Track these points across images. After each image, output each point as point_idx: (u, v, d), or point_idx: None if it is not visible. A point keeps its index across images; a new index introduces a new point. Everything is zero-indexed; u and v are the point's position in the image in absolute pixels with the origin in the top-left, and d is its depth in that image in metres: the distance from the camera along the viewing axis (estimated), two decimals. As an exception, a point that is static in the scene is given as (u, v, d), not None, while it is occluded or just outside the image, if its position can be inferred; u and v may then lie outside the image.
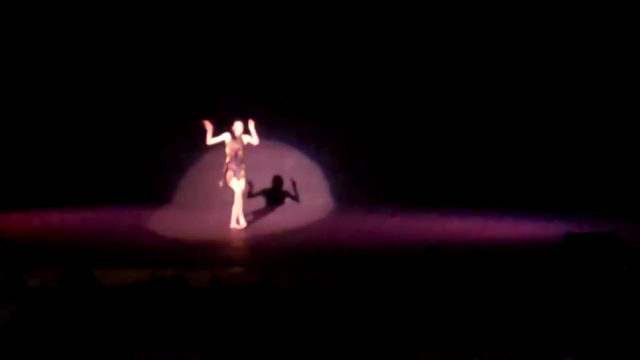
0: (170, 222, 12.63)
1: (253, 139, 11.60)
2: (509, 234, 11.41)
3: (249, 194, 13.17)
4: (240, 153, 11.51)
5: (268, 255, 10.09)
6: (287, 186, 14.47)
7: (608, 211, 12.86)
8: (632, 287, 6.92)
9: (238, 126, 11.51)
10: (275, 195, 14.42)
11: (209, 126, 11.48)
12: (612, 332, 6.10)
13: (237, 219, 11.71)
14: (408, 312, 5.68)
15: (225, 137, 11.52)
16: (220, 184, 11.54)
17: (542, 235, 11.07)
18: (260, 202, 14.19)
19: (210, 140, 11.54)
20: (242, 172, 11.60)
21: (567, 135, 14.41)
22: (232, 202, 11.67)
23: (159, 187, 14.56)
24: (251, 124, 11.55)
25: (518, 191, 14.22)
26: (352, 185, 14.72)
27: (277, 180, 14.52)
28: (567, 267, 7.71)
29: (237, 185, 11.56)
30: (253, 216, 12.73)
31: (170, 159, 14.60)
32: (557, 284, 7.35)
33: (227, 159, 11.51)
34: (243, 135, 11.55)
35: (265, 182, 14.45)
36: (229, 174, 11.49)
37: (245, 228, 11.71)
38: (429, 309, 5.87)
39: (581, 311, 6.49)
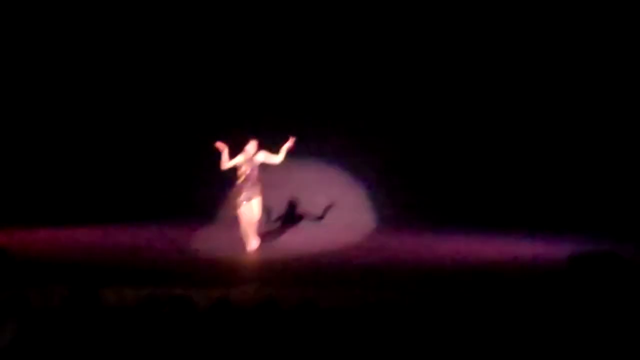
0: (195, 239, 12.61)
1: (276, 157, 11.25)
2: (511, 255, 11.37)
3: (267, 218, 12.96)
4: (255, 173, 11.19)
5: (273, 274, 10.09)
6: (308, 204, 14.31)
7: (609, 229, 12.83)
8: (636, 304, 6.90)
9: (252, 145, 11.19)
10: (293, 214, 14.27)
11: (223, 148, 11.12)
12: (621, 352, 6.08)
13: (250, 241, 11.36)
14: (411, 334, 5.67)
15: (239, 158, 11.18)
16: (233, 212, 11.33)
17: (545, 255, 11.05)
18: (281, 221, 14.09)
19: (226, 163, 11.13)
20: (257, 193, 11.23)
21: (566, 154, 14.40)
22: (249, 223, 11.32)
23: (183, 203, 14.50)
24: (288, 144, 11.23)
25: (518, 211, 14.19)
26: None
27: (294, 199, 14.45)
28: (573, 288, 7.70)
29: (248, 209, 11.20)
30: (275, 234, 12.67)
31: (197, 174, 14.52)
32: (564, 305, 7.34)
33: (240, 180, 11.23)
34: (258, 154, 11.21)
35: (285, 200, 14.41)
36: (240, 198, 11.21)
37: (259, 248, 11.40)
38: (432, 330, 5.86)
39: (590, 331, 6.46)
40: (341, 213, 14.34)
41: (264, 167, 11.48)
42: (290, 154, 11.46)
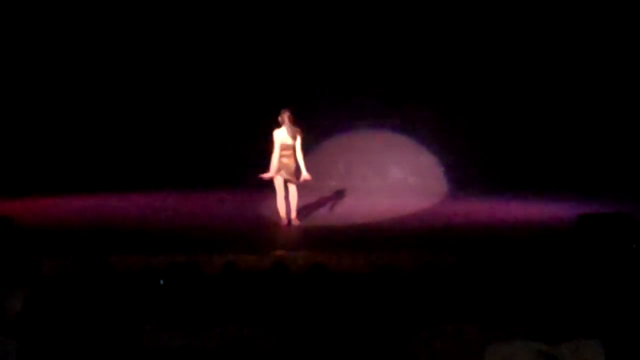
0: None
1: (300, 154, 10.49)
2: (520, 216, 11.38)
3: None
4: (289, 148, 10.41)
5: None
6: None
7: (622, 191, 12.81)
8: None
9: (284, 117, 10.40)
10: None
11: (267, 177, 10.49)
12: (634, 311, 6.06)
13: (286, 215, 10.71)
14: (422, 293, 5.67)
15: (277, 136, 10.40)
16: (265, 175, 10.47)
17: (555, 216, 11.06)
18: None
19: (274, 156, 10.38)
20: (292, 176, 10.50)
21: (578, 117, 14.36)
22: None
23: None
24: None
25: (528, 173, 14.19)
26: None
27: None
28: (582, 248, 7.69)
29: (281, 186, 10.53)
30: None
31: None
32: (573, 265, 7.33)
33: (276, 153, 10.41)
34: (294, 129, 10.41)
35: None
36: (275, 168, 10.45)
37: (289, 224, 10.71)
38: (445, 288, 5.86)
39: (600, 291, 6.45)
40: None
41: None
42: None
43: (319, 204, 12.52)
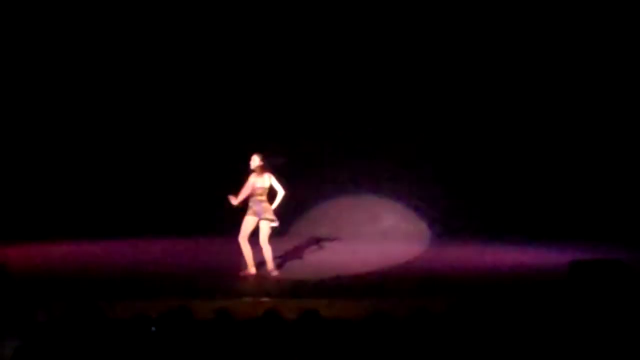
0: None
1: (281, 189, 10.55)
2: (511, 262, 11.38)
3: None
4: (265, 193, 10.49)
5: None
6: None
7: (611, 238, 12.86)
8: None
9: (255, 160, 10.49)
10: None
11: (233, 201, 10.51)
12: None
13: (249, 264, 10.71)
14: (414, 339, 5.66)
15: (252, 180, 10.47)
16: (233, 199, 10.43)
17: (546, 263, 11.06)
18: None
19: (242, 195, 10.43)
20: (266, 215, 10.45)
21: (569, 162, 14.45)
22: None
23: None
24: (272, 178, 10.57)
25: (520, 219, 14.23)
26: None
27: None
28: (574, 296, 7.67)
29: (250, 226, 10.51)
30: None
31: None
32: (566, 312, 7.31)
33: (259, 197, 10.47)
34: (270, 178, 10.52)
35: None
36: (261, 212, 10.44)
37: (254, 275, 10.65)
38: (437, 334, 5.85)
39: (594, 339, 6.45)
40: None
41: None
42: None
43: (307, 251, 12.48)
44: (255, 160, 10.50)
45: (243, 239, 10.54)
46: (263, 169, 10.49)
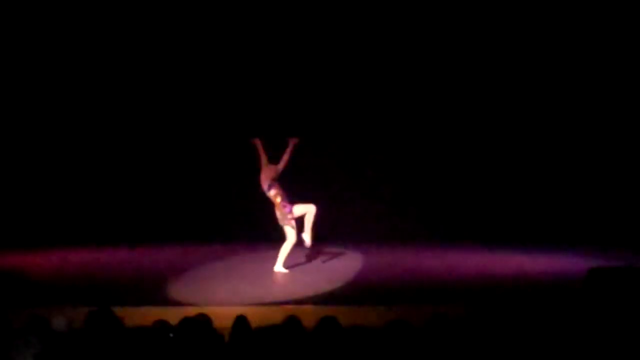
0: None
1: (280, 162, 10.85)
2: (528, 269, 11.33)
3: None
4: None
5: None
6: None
7: (631, 244, 12.78)
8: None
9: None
10: None
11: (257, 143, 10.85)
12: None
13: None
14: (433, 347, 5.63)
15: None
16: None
17: (564, 270, 11.01)
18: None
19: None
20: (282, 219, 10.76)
21: (589, 168, 14.36)
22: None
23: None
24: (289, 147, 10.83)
25: (536, 225, 14.14)
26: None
27: None
28: (592, 303, 7.63)
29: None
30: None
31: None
32: (583, 320, 7.27)
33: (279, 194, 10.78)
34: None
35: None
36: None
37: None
38: (455, 341, 5.82)
39: (612, 348, 6.40)
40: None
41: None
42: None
43: (317, 257, 12.49)
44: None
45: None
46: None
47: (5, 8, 14.22)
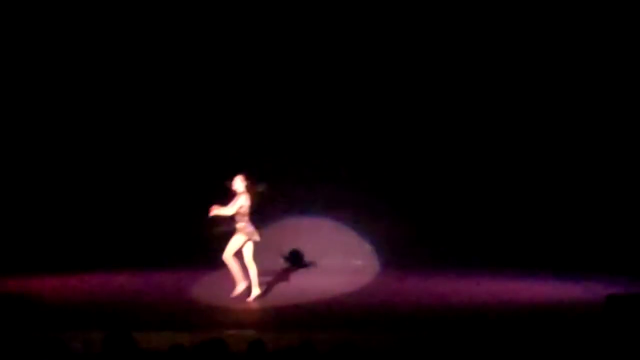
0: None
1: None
2: (546, 296, 11.25)
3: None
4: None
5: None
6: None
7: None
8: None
9: (238, 181, 10.74)
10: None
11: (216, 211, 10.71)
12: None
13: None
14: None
15: (241, 202, 10.72)
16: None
17: (581, 297, 10.93)
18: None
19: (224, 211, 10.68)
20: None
21: (608, 195, 14.27)
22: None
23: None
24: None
25: (551, 252, 14.05)
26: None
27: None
28: (612, 331, 7.57)
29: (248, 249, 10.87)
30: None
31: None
32: (603, 348, 7.21)
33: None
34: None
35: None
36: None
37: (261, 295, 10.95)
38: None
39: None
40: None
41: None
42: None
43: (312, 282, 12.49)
44: (240, 181, 10.72)
45: (229, 257, 10.75)
46: (248, 189, 10.71)
47: (5, 8, 14.32)
